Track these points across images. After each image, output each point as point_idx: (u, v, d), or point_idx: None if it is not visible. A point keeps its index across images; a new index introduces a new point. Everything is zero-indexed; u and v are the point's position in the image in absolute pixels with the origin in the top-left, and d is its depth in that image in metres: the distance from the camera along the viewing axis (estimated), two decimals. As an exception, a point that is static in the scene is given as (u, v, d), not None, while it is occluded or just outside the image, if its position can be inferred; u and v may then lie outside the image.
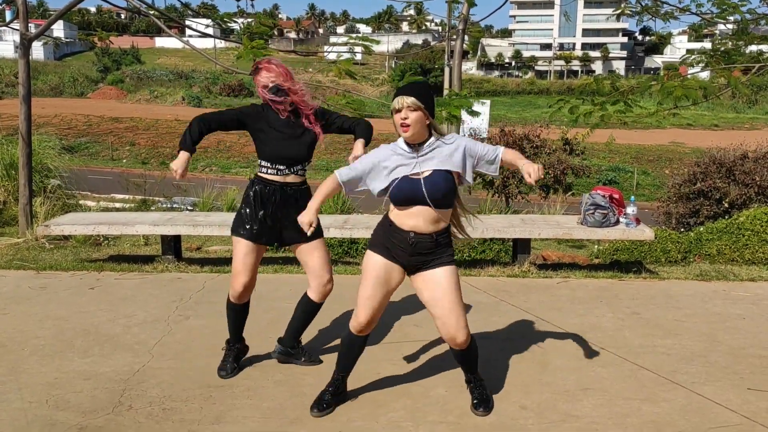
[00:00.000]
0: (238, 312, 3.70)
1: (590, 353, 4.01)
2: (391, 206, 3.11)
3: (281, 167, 3.52)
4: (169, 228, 5.91)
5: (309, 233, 3.04)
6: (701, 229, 7.30)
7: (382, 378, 3.60)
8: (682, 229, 9.61)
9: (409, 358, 3.89)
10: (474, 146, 3.14)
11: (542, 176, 2.97)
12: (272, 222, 3.54)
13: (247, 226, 3.53)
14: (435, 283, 3.07)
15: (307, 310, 3.71)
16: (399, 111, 2.97)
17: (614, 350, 4.06)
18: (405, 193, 3.00)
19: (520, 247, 6.12)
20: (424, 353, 3.99)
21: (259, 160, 3.58)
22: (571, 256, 7.22)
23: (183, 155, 3.41)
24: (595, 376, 3.68)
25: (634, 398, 3.41)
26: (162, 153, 35.05)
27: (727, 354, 4.03)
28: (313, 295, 3.65)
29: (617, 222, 5.86)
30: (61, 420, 3.13)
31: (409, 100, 2.95)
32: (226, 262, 6.21)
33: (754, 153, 11.46)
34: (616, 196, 6.01)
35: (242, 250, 3.54)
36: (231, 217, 6.43)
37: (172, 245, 6.12)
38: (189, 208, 10.12)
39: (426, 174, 3.01)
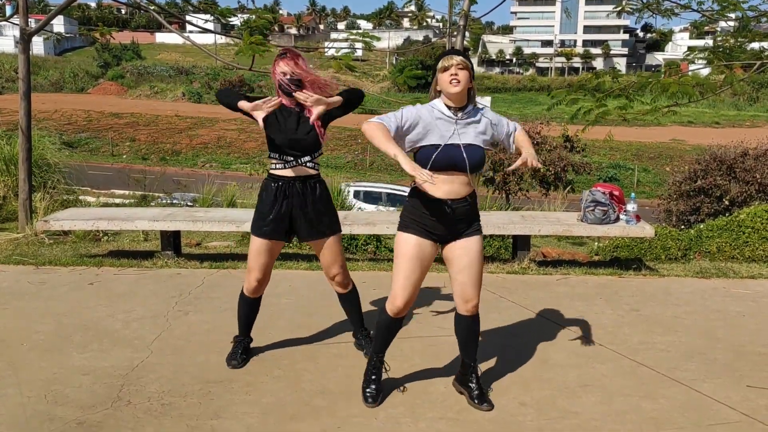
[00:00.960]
0: (250, 305, 3.73)
1: (590, 350, 4.01)
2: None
3: (289, 158, 3.50)
4: (169, 223, 5.90)
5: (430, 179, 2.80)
6: (701, 226, 7.29)
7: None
8: (683, 227, 9.61)
9: (409, 355, 3.88)
10: (499, 122, 3.25)
11: (536, 166, 3.15)
12: (287, 218, 3.54)
13: (262, 225, 3.55)
14: (466, 251, 3.15)
15: (343, 302, 3.83)
16: (447, 69, 3.03)
17: (614, 347, 4.06)
18: (446, 159, 3.05)
19: (520, 243, 6.11)
20: (423, 350, 3.99)
21: (269, 154, 3.58)
22: (571, 253, 7.21)
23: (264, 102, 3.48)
24: (595, 373, 3.68)
25: (633, 395, 3.41)
26: (162, 149, 35.05)
27: (727, 351, 4.03)
28: (335, 288, 3.77)
29: (617, 219, 5.85)
30: (60, 415, 3.13)
31: (458, 58, 3.05)
32: (225, 258, 6.21)
33: (755, 150, 11.46)
34: (617, 193, 6.00)
35: (255, 247, 3.59)
36: (230, 212, 6.44)
37: (172, 241, 6.11)
38: (189, 203, 10.12)
39: (465, 142, 3.08)
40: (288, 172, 3.53)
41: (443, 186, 3.07)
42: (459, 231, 3.16)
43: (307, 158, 3.53)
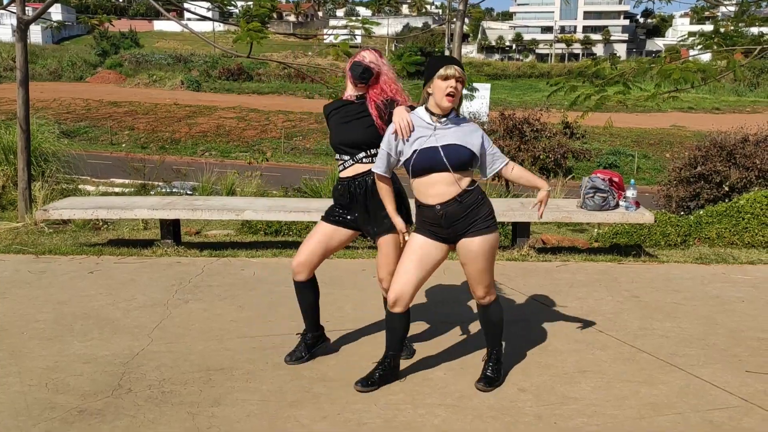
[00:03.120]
0: (298, 290, 3.59)
1: (589, 336, 4.02)
2: (413, 184, 3.17)
3: (345, 158, 3.42)
4: (168, 212, 5.90)
5: (407, 237, 3.23)
6: (701, 212, 7.28)
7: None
8: (682, 213, 9.61)
9: (410, 341, 3.88)
10: (487, 139, 3.23)
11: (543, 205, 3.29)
12: (347, 211, 3.47)
13: (330, 214, 3.52)
14: (467, 251, 3.16)
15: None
16: (448, 79, 3.03)
17: (613, 333, 4.07)
18: (422, 162, 3.07)
19: (520, 230, 6.11)
20: (423, 337, 4.00)
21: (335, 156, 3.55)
22: (570, 240, 7.21)
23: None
24: (594, 359, 3.69)
25: (632, 381, 3.42)
26: (161, 137, 34.98)
27: (726, 336, 4.04)
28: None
29: (617, 205, 5.85)
30: (61, 403, 3.14)
31: (460, 70, 3.05)
32: (225, 246, 6.22)
33: (755, 136, 11.42)
34: (616, 179, 5.99)
35: (315, 229, 3.54)
36: (230, 201, 6.44)
37: (171, 229, 6.11)
38: (188, 192, 10.10)
39: (443, 143, 3.07)
40: (347, 173, 3.43)
41: (430, 190, 3.10)
42: (461, 230, 3.14)
43: (362, 154, 3.39)
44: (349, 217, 3.48)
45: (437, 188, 3.09)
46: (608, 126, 8.06)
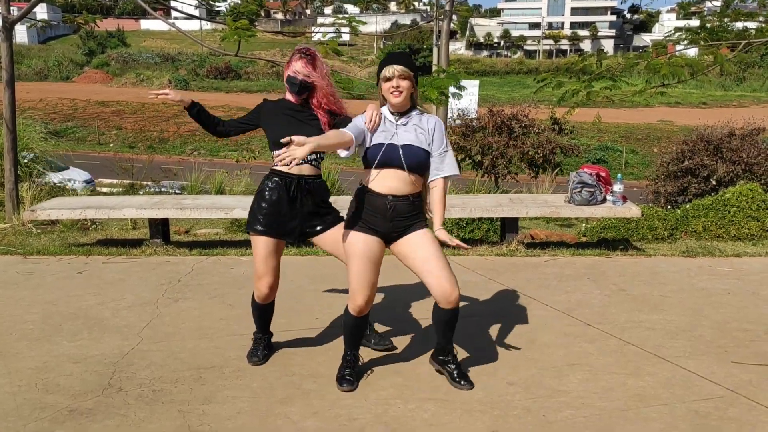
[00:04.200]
0: (264, 310, 3.58)
1: (577, 329, 4.06)
2: (367, 174, 3.17)
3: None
4: (157, 211, 5.89)
5: (284, 150, 2.75)
6: (687, 206, 7.35)
7: (370, 357, 3.63)
8: (670, 207, 9.68)
9: (398, 337, 3.91)
10: (441, 137, 3.19)
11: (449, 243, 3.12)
12: (290, 215, 3.42)
13: (266, 220, 3.38)
14: (420, 245, 3.14)
15: None
16: (390, 79, 3.06)
17: (600, 326, 4.11)
18: (381, 156, 3.10)
19: (508, 226, 6.15)
20: (412, 331, 4.02)
21: (272, 153, 3.41)
22: (559, 235, 7.25)
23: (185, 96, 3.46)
24: (582, 352, 3.72)
25: (619, 373, 3.46)
26: (149, 137, 34.83)
27: (712, 328, 4.08)
28: None
29: (604, 200, 5.89)
30: (51, 403, 3.14)
31: (399, 68, 3.06)
32: (214, 245, 6.21)
33: (741, 130, 11.51)
34: (603, 174, 6.04)
35: (263, 249, 3.39)
36: (219, 199, 6.43)
37: (160, 229, 6.10)
38: (177, 191, 10.08)
39: (403, 143, 3.11)
40: (293, 170, 3.40)
41: (386, 182, 3.12)
42: (401, 228, 3.15)
43: (312, 156, 3.40)
44: (290, 224, 3.42)
45: (393, 182, 3.11)
46: (596, 122, 8.12)
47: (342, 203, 6.10)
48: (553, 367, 3.53)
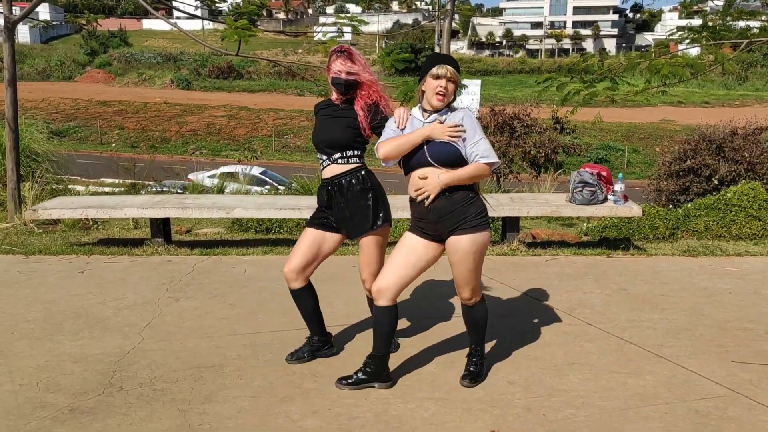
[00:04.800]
0: (295, 298, 3.55)
1: (577, 329, 4.06)
2: (407, 181, 3.18)
3: (323, 157, 3.42)
4: (158, 211, 5.89)
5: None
6: (689, 205, 7.33)
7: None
8: (671, 206, 9.66)
9: (399, 336, 3.91)
10: (472, 127, 3.12)
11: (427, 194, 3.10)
12: (331, 214, 3.46)
13: (314, 218, 3.52)
14: (454, 249, 3.14)
15: (369, 304, 3.55)
16: (440, 78, 3.04)
17: (601, 326, 4.11)
18: (409, 159, 3.10)
19: (509, 225, 6.14)
20: (412, 331, 4.02)
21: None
22: (560, 234, 7.25)
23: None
24: (582, 351, 3.72)
25: (620, 372, 3.46)
26: (151, 136, 34.85)
27: (713, 328, 4.08)
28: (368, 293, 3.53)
29: (605, 199, 5.89)
30: (52, 402, 3.14)
31: (452, 70, 3.05)
32: (215, 244, 6.22)
33: (744, 129, 11.49)
34: (604, 173, 6.03)
35: (303, 234, 3.51)
36: (220, 199, 6.44)
37: (162, 228, 6.11)
38: (179, 191, 10.09)
39: (429, 142, 3.07)
40: (326, 173, 3.43)
41: (418, 185, 3.10)
42: (450, 226, 3.12)
43: (338, 155, 3.39)
44: (332, 218, 3.47)
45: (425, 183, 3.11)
46: (597, 121, 8.11)
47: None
48: (553, 366, 3.53)
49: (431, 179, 3.06)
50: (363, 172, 3.42)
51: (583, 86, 7.48)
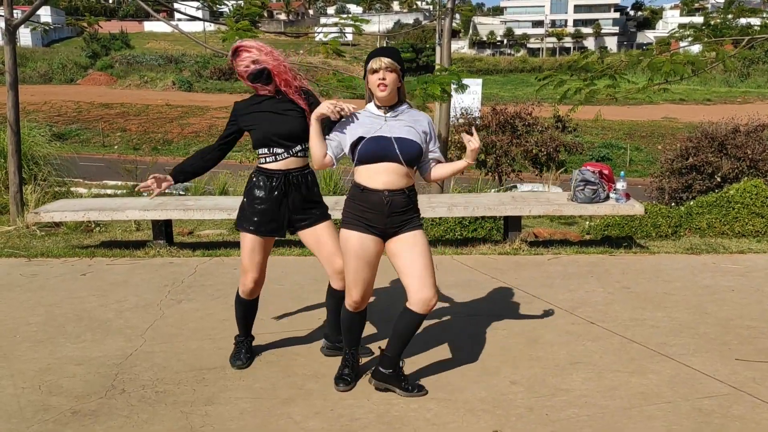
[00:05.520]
0: (247, 308, 3.58)
1: (580, 328, 4.05)
2: (359, 170, 3.11)
3: (279, 151, 3.35)
4: (160, 212, 5.90)
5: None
6: (691, 203, 7.32)
7: (373, 356, 3.62)
8: (674, 204, 9.65)
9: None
10: (432, 137, 3.20)
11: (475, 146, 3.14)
12: (278, 212, 3.40)
13: (254, 219, 3.38)
14: (411, 245, 3.09)
15: (337, 299, 3.50)
16: (376, 71, 3.04)
17: (604, 324, 4.10)
18: (374, 150, 3.05)
19: (511, 224, 6.13)
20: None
21: (257, 151, 3.42)
22: (562, 233, 7.24)
23: (167, 178, 3.45)
24: (584, 350, 3.71)
25: (622, 371, 3.45)
26: (153, 138, 34.89)
27: (716, 325, 4.07)
28: (335, 284, 3.49)
29: (607, 198, 5.87)
30: (54, 405, 3.14)
31: (386, 60, 3.04)
32: (217, 246, 6.22)
33: (746, 126, 11.49)
34: (606, 171, 6.02)
35: (248, 245, 3.41)
36: (221, 200, 6.44)
37: (164, 230, 6.11)
38: (181, 192, 10.09)
39: (397, 135, 3.06)
40: (279, 165, 3.37)
41: (381, 177, 3.06)
42: (398, 224, 3.10)
43: (297, 148, 3.38)
44: (278, 221, 3.40)
45: (388, 176, 3.06)
46: (597, 118, 8.10)
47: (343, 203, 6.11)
48: (556, 365, 3.52)
49: (475, 141, 3.12)
50: (310, 166, 3.48)
51: (583, 84, 7.47)
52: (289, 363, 3.59)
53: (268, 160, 3.39)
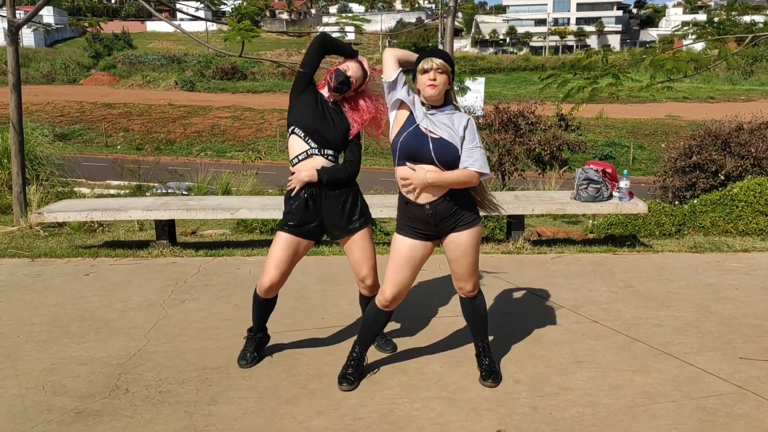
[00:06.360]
0: (262, 305, 3.56)
1: (583, 327, 4.04)
2: (397, 175, 3.13)
3: (313, 145, 3.36)
4: (163, 212, 5.90)
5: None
6: (695, 201, 7.31)
7: (377, 356, 3.62)
8: (677, 202, 9.63)
9: (404, 336, 3.91)
10: (472, 134, 3.11)
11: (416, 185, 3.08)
12: (310, 217, 3.41)
13: (285, 220, 3.43)
14: (456, 245, 3.14)
15: (362, 304, 3.61)
16: (427, 72, 3.05)
17: (607, 323, 4.09)
18: (413, 147, 3.04)
19: (514, 223, 6.13)
20: (418, 330, 4.02)
21: (292, 135, 3.40)
22: (565, 232, 7.23)
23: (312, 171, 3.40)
24: (588, 349, 3.70)
25: (626, 370, 3.44)
26: (156, 138, 34.91)
27: (720, 324, 4.06)
28: (361, 291, 3.58)
29: (610, 196, 5.87)
30: (58, 405, 3.15)
31: (438, 61, 3.05)
32: (221, 245, 6.23)
33: (750, 124, 11.44)
34: (609, 170, 6.01)
35: (276, 243, 3.43)
36: (224, 200, 6.44)
37: (167, 230, 6.12)
38: (184, 192, 10.10)
39: (435, 136, 3.04)
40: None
41: (407, 175, 3.06)
42: (448, 227, 3.13)
43: (330, 152, 3.39)
44: (313, 223, 3.42)
45: (428, 188, 3.05)
46: (600, 117, 8.09)
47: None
48: (559, 364, 3.52)
49: (418, 174, 3.02)
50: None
51: (586, 83, 7.45)
52: (293, 362, 3.59)
53: (297, 154, 3.40)
